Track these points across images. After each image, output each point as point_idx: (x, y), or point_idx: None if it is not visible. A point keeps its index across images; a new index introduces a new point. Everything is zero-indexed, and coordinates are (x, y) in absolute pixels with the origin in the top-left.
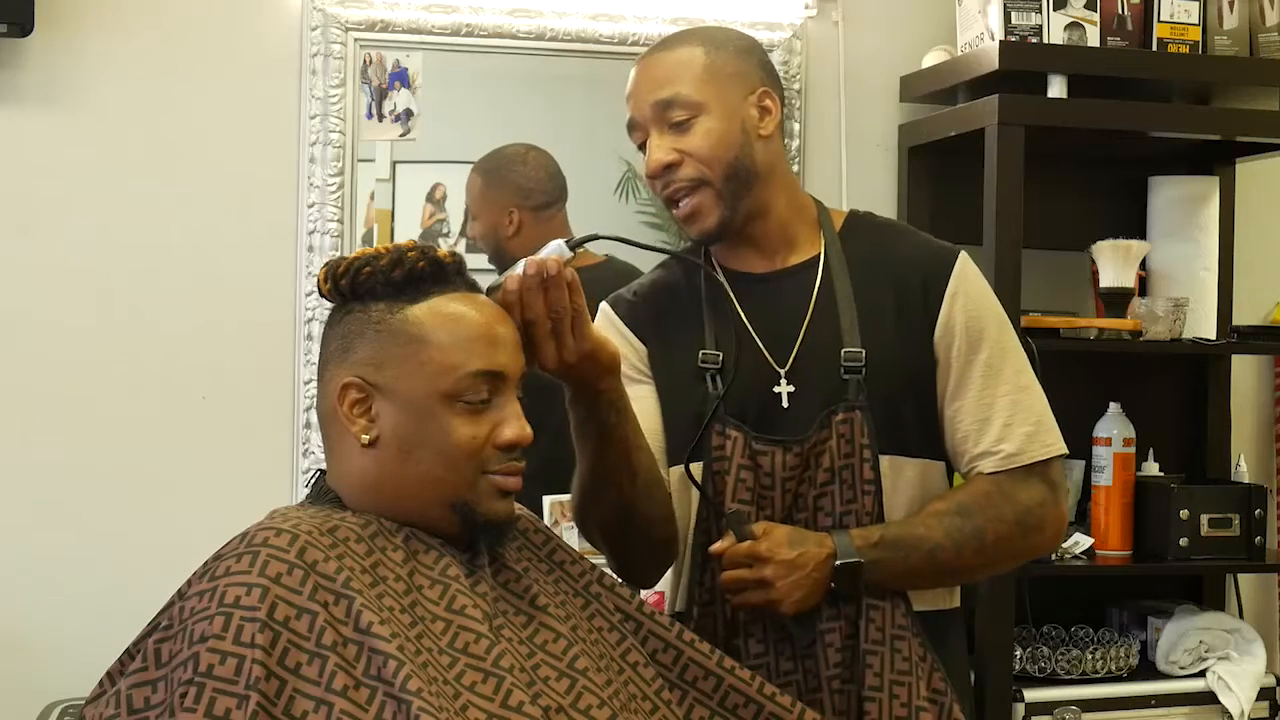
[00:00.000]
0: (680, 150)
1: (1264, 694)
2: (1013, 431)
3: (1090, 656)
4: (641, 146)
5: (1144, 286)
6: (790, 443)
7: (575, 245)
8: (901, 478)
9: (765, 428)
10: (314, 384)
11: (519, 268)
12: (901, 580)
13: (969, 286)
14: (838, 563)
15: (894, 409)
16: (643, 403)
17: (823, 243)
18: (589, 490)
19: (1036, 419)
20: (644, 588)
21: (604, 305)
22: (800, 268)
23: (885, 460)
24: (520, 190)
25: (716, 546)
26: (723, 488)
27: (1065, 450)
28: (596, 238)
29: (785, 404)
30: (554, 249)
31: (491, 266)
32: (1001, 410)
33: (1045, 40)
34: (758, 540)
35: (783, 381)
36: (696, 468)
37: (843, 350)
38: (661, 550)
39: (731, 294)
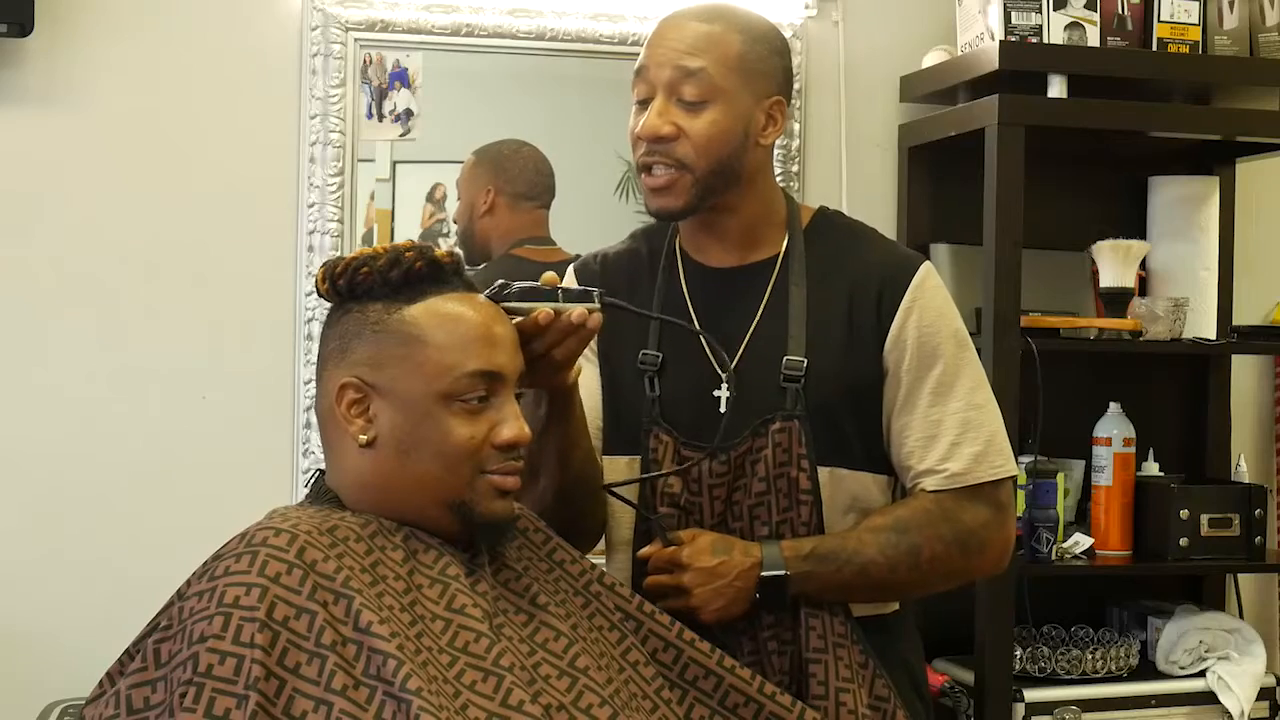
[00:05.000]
0: (680, 127)
1: (1264, 694)
2: (960, 451)
3: (1090, 656)
4: (641, 103)
5: (1144, 286)
6: (718, 450)
7: (604, 302)
8: (841, 489)
9: (701, 433)
10: (314, 384)
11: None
12: (833, 594)
13: (926, 300)
14: (762, 574)
15: (833, 420)
16: (589, 384)
17: (785, 242)
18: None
19: (986, 439)
20: None
21: (571, 269)
22: (759, 266)
23: (825, 472)
24: (503, 174)
25: (643, 551)
26: (652, 492)
27: (1015, 472)
28: (618, 304)
29: (722, 409)
30: (587, 298)
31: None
32: (950, 429)
33: (1045, 40)
34: (681, 546)
35: (723, 386)
36: (623, 468)
37: (784, 358)
38: (581, 543)
39: (686, 289)
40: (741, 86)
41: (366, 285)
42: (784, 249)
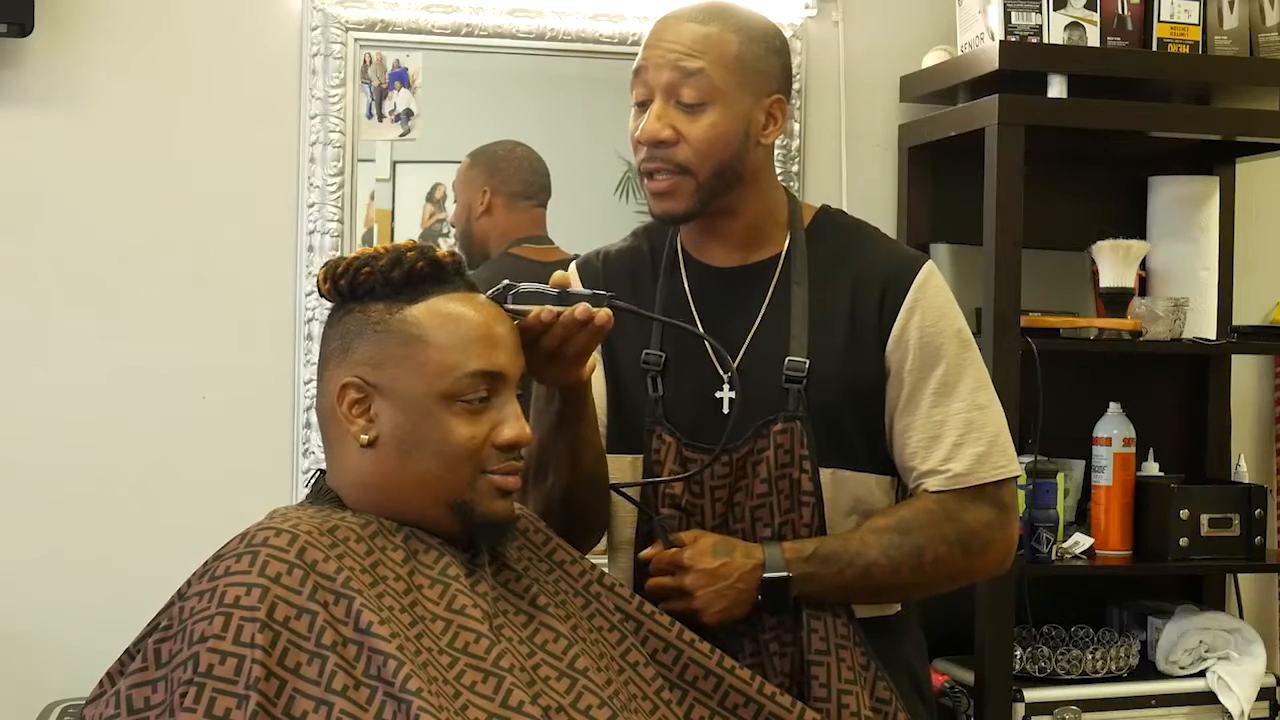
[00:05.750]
0: (679, 131)
1: (1264, 694)
2: (962, 451)
3: (1090, 656)
4: (640, 105)
5: (1144, 286)
6: (719, 451)
7: (617, 307)
8: (844, 491)
9: (702, 433)
10: (314, 384)
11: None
12: (835, 595)
13: (929, 300)
14: (765, 576)
15: (835, 421)
16: (595, 382)
17: (787, 242)
18: (530, 468)
19: (990, 440)
20: None
21: (573, 266)
22: (761, 266)
23: (827, 473)
24: (498, 174)
25: (645, 553)
26: (654, 493)
27: (1018, 473)
28: (628, 308)
29: (725, 409)
30: (597, 301)
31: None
32: (953, 429)
33: (1045, 40)
34: (683, 548)
35: (725, 387)
36: (625, 466)
37: (786, 359)
38: (585, 541)
39: (689, 290)
40: (740, 87)
41: (368, 285)
42: (786, 249)
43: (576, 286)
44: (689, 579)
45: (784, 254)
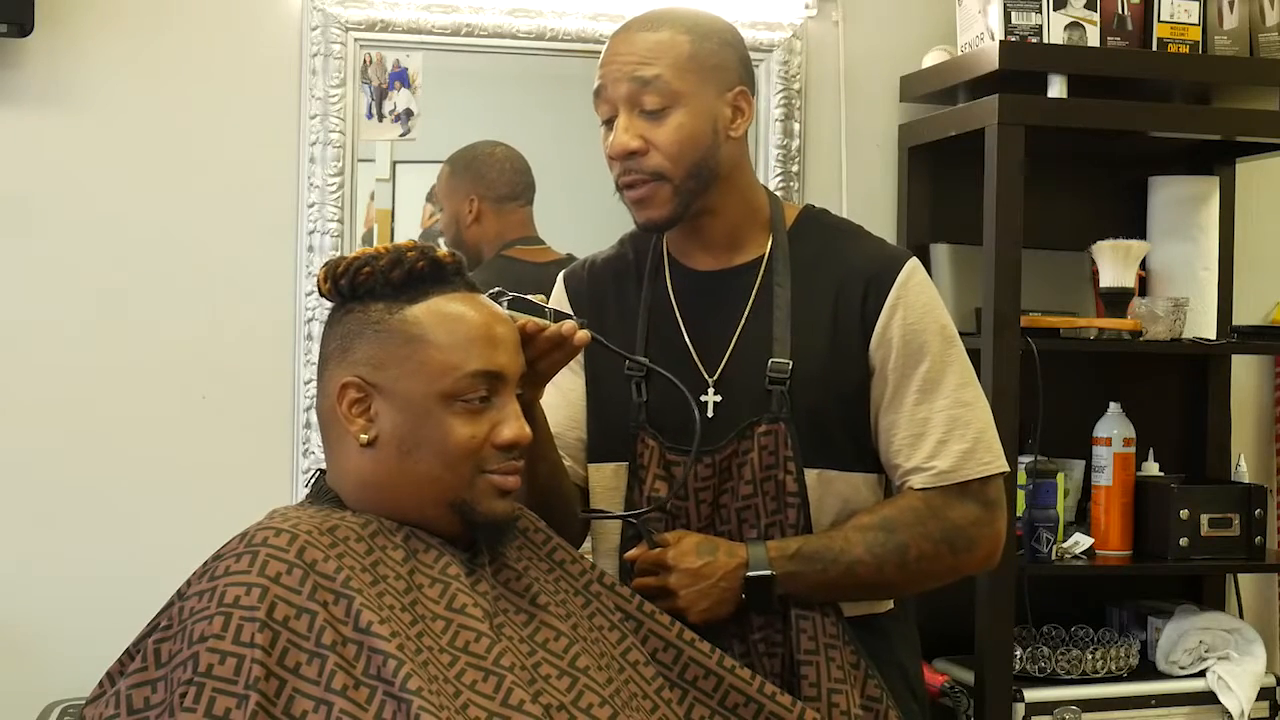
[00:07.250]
0: (647, 139)
1: (1264, 694)
2: (947, 448)
3: (1090, 656)
4: (607, 123)
5: (1144, 286)
6: (701, 454)
7: (596, 340)
8: (830, 491)
9: (687, 437)
10: (314, 384)
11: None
12: (820, 593)
13: (912, 298)
14: (748, 574)
15: (821, 422)
16: (571, 394)
17: (769, 243)
18: None
19: (975, 436)
20: None
21: (560, 278)
22: (744, 268)
23: (813, 474)
24: (483, 180)
25: (629, 554)
26: (639, 497)
27: (1005, 469)
28: (600, 341)
29: (710, 413)
30: (578, 324)
31: None
32: (937, 426)
33: (1045, 40)
34: (666, 548)
35: (710, 391)
36: (609, 475)
37: (770, 361)
38: None
39: (673, 294)
40: (700, 85)
41: (368, 285)
42: (768, 251)
43: (562, 296)
44: (672, 579)
45: (766, 256)
